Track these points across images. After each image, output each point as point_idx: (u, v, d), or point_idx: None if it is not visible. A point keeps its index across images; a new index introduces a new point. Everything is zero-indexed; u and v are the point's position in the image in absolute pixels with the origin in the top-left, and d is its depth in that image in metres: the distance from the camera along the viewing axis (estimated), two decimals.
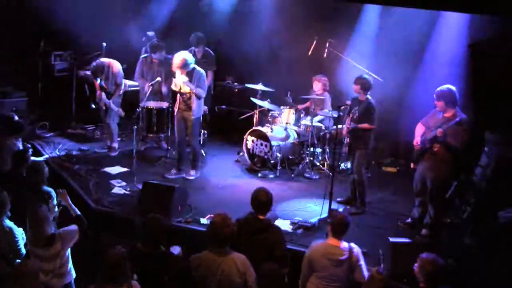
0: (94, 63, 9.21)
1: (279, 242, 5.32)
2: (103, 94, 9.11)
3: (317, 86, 9.43)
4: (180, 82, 8.16)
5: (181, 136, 8.51)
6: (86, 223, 5.54)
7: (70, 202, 5.65)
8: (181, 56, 8.11)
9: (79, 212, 5.60)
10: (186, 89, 8.22)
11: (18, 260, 5.50)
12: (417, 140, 6.97)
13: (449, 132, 6.65)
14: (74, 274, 5.48)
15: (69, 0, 10.30)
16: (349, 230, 5.35)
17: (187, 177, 8.52)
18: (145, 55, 9.62)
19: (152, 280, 4.96)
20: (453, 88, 6.80)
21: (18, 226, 5.65)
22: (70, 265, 5.45)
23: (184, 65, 8.08)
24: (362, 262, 5.23)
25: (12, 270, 5.17)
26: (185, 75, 8.17)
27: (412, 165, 7.23)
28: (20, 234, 5.58)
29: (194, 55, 9.60)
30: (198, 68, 8.29)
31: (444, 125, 6.67)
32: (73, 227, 5.39)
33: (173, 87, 8.38)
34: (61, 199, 5.66)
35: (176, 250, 5.32)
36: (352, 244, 5.27)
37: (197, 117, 8.37)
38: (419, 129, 7.04)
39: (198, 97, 8.25)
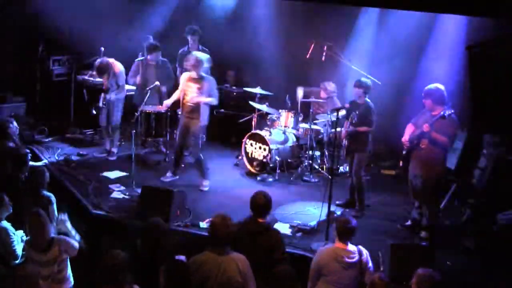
0: (98, 61, 9.17)
1: (278, 245, 5.31)
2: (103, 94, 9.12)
3: (323, 94, 9.42)
4: (193, 97, 8.07)
5: (182, 141, 8.42)
6: (84, 248, 5.54)
7: (70, 228, 5.60)
8: (198, 56, 8.08)
9: (79, 238, 5.56)
10: (195, 100, 8.10)
11: (15, 262, 5.51)
12: (405, 137, 7.01)
13: (435, 127, 6.69)
14: (72, 281, 5.48)
15: (67, 5, 10.31)
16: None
17: (202, 188, 8.33)
18: (141, 58, 9.58)
19: (151, 284, 4.97)
20: (441, 87, 6.87)
21: (17, 229, 5.67)
22: (69, 271, 5.44)
23: (197, 62, 7.99)
24: (370, 264, 5.23)
25: (12, 274, 5.18)
26: (195, 82, 8.11)
27: (401, 163, 7.27)
28: (16, 236, 5.58)
29: (188, 50, 9.62)
30: (208, 76, 8.25)
31: (430, 121, 6.71)
32: (75, 244, 5.39)
33: (179, 95, 8.22)
34: (61, 226, 5.57)
35: (181, 259, 5.31)
36: (361, 247, 5.26)
37: (204, 124, 8.31)
38: (409, 129, 7.08)
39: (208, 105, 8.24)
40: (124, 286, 4.48)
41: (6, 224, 5.59)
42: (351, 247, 5.20)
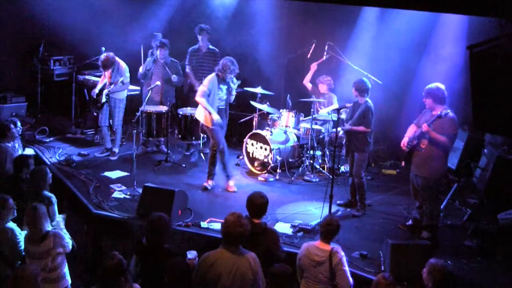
0: (104, 55, 9.14)
1: (275, 246, 5.33)
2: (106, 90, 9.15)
3: (322, 87, 9.41)
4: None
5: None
6: (76, 248, 5.64)
7: (65, 231, 5.67)
8: (225, 62, 8.09)
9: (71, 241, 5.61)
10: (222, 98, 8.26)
11: (19, 262, 5.54)
12: (404, 141, 7.00)
13: (434, 127, 6.69)
14: (69, 280, 5.49)
15: (68, 6, 10.33)
16: (348, 233, 5.36)
17: (208, 186, 8.33)
18: (151, 56, 9.63)
19: (153, 275, 5.02)
20: (441, 86, 6.87)
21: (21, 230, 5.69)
22: (66, 269, 5.47)
23: (223, 68, 8.03)
24: (345, 268, 5.18)
25: (12, 274, 5.20)
26: (225, 84, 8.18)
27: (403, 163, 7.27)
28: (22, 236, 5.60)
29: (199, 49, 9.62)
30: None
31: (429, 121, 6.72)
32: (69, 245, 5.47)
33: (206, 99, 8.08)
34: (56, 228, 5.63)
35: (192, 254, 5.35)
36: (338, 249, 5.26)
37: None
38: (411, 130, 7.07)
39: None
40: (124, 287, 4.51)
41: (12, 225, 5.62)
42: (326, 246, 5.22)
